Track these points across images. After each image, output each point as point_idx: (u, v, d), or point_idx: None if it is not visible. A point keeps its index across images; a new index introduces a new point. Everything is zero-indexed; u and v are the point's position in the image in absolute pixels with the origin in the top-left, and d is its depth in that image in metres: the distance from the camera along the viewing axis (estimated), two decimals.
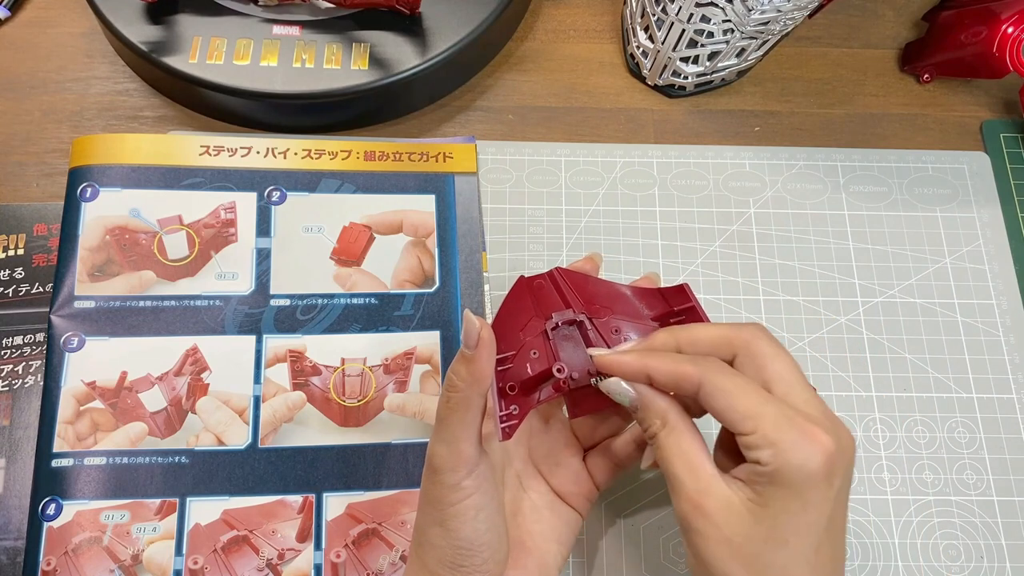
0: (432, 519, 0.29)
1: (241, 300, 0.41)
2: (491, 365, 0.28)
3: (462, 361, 0.28)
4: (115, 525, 0.36)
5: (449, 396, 0.28)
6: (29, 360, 0.40)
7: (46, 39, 0.49)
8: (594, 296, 0.33)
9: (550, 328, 0.31)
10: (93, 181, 0.42)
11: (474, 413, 0.28)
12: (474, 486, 0.28)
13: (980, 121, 0.49)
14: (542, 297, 0.32)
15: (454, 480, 0.28)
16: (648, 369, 0.28)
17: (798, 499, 0.25)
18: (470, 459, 0.28)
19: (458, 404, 0.28)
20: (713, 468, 0.27)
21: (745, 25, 0.42)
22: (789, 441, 0.24)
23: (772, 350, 0.27)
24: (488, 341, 0.28)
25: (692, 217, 0.45)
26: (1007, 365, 0.43)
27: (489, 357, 0.28)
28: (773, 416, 0.25)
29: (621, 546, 0.39)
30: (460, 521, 0.28)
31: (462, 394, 0.28)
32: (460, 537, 0.28)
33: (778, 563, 0.25)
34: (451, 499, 0.28)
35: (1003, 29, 0.44)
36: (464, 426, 0.28)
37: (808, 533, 0.25)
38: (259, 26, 0.45)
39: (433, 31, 0.45)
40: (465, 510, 0.28)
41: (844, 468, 0.25)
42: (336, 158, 0.44)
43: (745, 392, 0.26)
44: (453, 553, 0.28)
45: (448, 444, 0.28)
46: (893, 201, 0.46)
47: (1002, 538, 0.39)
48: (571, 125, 0.48)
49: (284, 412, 0.39)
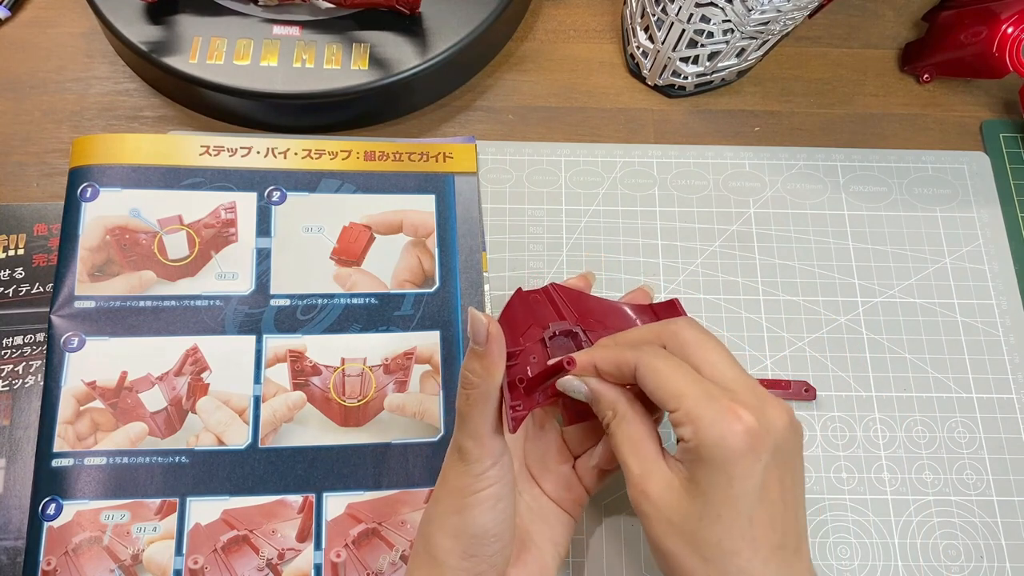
0: (451, 508, 0.29)
1: (241, 300, 0.41)
2: (503, 358, 0.29)
3: (474, 357, 0.29)
4: (115, 525, 0.36)
5: (468, 393, 0.29)
6: (29, 360, 0.40)
7: (46, 39, 0.49)
8: (588, 311, 0.34)
9: (548, 337, 0.32)
10: (93, 181, 0.42)
11: (493, 405, 0.29)
12: (497, 475, 0.29)
13: (980, 121, 0.49)
14: (538, 310, 0.34)
15: (481, 469, 0.29)
16: (593, 360, 0.30)
17: (723, 474, 0.25)
18: (496, 449, 0.29)
19: (478, 398, 0.29)
20: (657, 451, 0.28)
21: (745, 25, 0.42)
22: (708, 418, 0.26)
23: (697, 337, 0.29)
24: (497, 335, 0.29)
25: (692, 217, 0.45)
26: (1007, 365, 0.43)
27: (500, 351, 0.29)
28: (696, 394, 0.26)
29: (621, 546, 0.39)
30: (480, 509, 0.29)
31: (480, 388, 0.29)
32: (477, 525, 0.29)
33: (713, 538, 0.26)
34: (476, 487, 0.29)
35: (1003, 29, 0.44)
36: (486, 418, 0.29)
37: (737, 506, 0.25)
38: (259, 26, 0.45)
39: (433, 31, 0.45)
40: (487, 498, 0.29)
41: (773, 442, 0.26)
42: (336, 158, 0.44)
43: (674, 373, 0.27)
44: (467, 542, 0.29)
45: (474, 437, 0.29)
46: (893, 201, 0.46)
47: (1002, 538, 0.39)
48: (571, 125, 0.48)
49: (284, 412, 0.39)
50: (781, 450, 0.26)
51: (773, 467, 0.26)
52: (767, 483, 0.26)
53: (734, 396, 0.26)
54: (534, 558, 0.32)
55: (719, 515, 0.26)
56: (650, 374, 0.28)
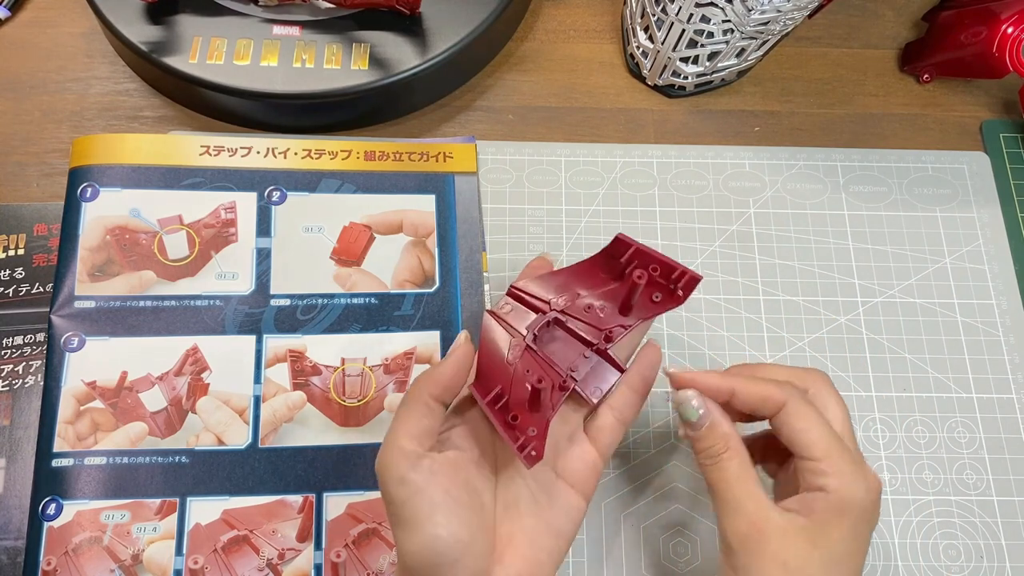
0: (393, 522, 0.28)
1: (241, 300, 0.41)
2: (446, 369, 0.30)
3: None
4: (115, 525, 0.36)
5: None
6: (29, 360, 0.40)
7: (46, 39, 0.49)
8: (554, 289, 0.33)
9: (530, 341, 0.32)
10: (93, 181, 0.42)
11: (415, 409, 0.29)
12: (421, 480, 0.28)
13: (980, 121, 0.49)
14: (513, 317, 0.33)
15: (397, 473, 0.28)
16: (734, 387, 0.30)
17: (851, 528, 0.28)
18: (408, 453, 0.28)
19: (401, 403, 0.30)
20: (766, 495, 0.29)
21: (745, 25, 0.42)
22: (852, 474, 0.28)
23: (835, 396, 0.31)
24: (461, 350, 0.30)
25: (692, 217, 0.45)
26: (1007, 365, 0.43)
27: (450, 362, 0.30)
28: (840, 450, 0.28)
29: (621, 546, 0.39)
30: (415, 522, 0.27)
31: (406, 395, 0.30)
32: (421, 536, 0.27)
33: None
34: (399, 495, 0.28)
35: (1003, 29, 0.44)
36: (401, 421, 0.29)
37: (855, 559, 0.28)
38: (259, 26, 0.45)
39: (433, 31, 0.45)
40: (417, 508, 0.28)
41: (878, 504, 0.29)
42: (336, 158, 0.44)
43: (820, 422, 0.29)
44: (427, 555, 0.27)
45: (387, 442, 0.29)
46: (893, 201, 0.46)
47: (1002, 538, 0.39)
48: (571, 125, 0.48)
49: (284, 412, 0.39)
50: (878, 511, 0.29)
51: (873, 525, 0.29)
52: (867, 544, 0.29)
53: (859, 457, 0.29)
54: (522, 555, 0.30)
55: (840, 563, 0.28)
56: (800, 419, 0.29)
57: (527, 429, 0.29)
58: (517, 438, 0.29)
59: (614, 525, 0.39)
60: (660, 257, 0.31)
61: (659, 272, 0.31)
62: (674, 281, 0.31)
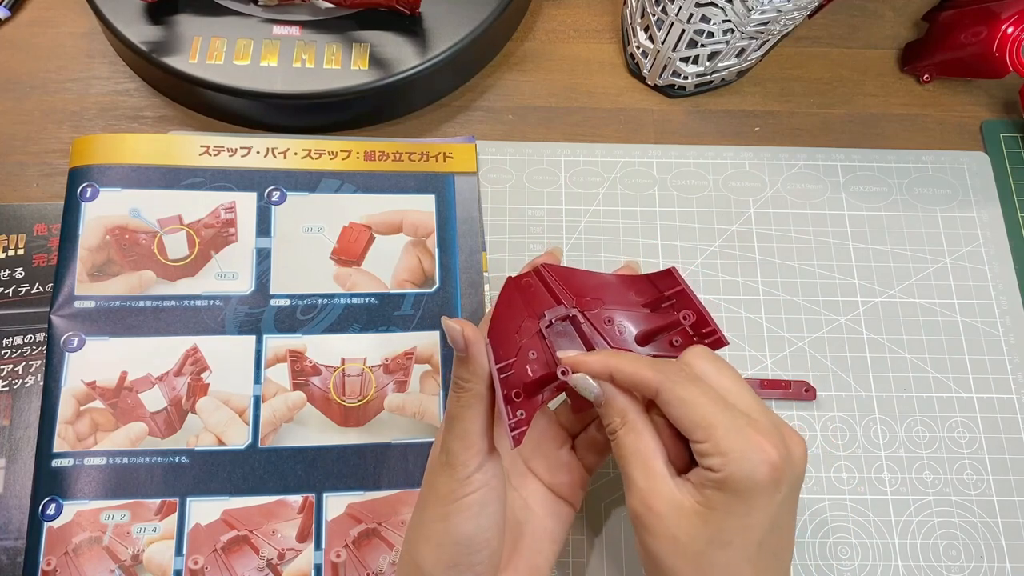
0: (436, 515, 0.29)
1: (241, 300, 0.41)
2: (483, 355, 0.29)
3: (460, 363, 0.29)
4: (115, 525, 0.36)
5: (459, 395, 0.29)
6: (29, 360, 0.40)
7: (46, 39, 0.49)
8: (583, 288, 0.33)
9: (544, 327, 0.31)
10: (93, 181, 0.42)
11: (485, 406, 0.29)
12: (482, 481, 0.28)
13: (980, 121, 0.49)
14: (532, 296, 0.32)
15: (465, 473, 0.28)
16: (611, 368, 0.29)
17: (743, 504, 0.26)
18: (482, 452, 0.29)
19: (469, 400, 0.29)
20: (665, 469, 0.28)
21: (745, 25, 0.42)
22: (738, 451, 0.26)
23: (717, 363, 0.29)
24: (474, 337, 0.29)
25: (692, 217, 0.45)
26: (1007, 365, 0.43)
27: (481, 351, 0.29)
28: (724, 426, 0.26)
29: (621, 545, 0.39)
30: (464, 516, 0.28)
31: (470, 391, 0.29)
32: (461, 533, 0.28)
33: (720, 561, 0.26)
34: (460, 492, 0.28)
35: (1003, 29, 0.44)
36: (475, 420, 0.29)
37: (750, 535, 0.26)
38: (259, 26, 0.45)
39: (433, 31, 0.45)
40: (471, 504, 0.28)
41: (791, 476, 0.27)
42: (336, 158, 0.44)
43: (700, 401, 0.27)
44: (452, 551, 0.28)
45: (462, 438, 0.29)
46: (893, 201, 0.46)
47: (1002, 538, 0.39)
48: (571, 125, 0.48)
49: (284, 412, 0.39)
50: (797, 481, 0.27)
51: (788, 499, 0.27)
52: (780, 516, 0.27)
53: (757, 426, 0.27)
54: (524, 561, 0.31)
55: (730, 541, 0.26)
56: (675, 402, 0.27)
57: (517, 412, 0.29)
58: (512, 415, 0.29)
59: (612, 525, 0.39)
60: (700, 307, 0.31)
61: (692, 321, 0.31)
62: (701, 335, 0.31)
